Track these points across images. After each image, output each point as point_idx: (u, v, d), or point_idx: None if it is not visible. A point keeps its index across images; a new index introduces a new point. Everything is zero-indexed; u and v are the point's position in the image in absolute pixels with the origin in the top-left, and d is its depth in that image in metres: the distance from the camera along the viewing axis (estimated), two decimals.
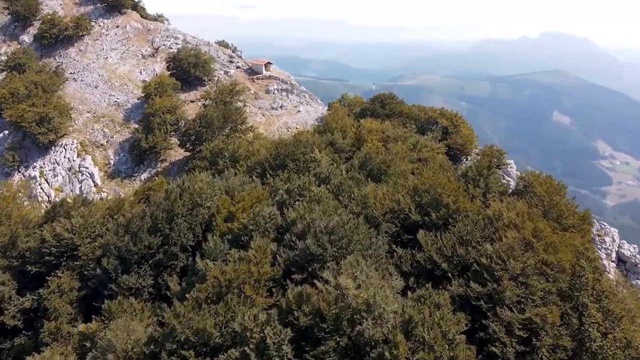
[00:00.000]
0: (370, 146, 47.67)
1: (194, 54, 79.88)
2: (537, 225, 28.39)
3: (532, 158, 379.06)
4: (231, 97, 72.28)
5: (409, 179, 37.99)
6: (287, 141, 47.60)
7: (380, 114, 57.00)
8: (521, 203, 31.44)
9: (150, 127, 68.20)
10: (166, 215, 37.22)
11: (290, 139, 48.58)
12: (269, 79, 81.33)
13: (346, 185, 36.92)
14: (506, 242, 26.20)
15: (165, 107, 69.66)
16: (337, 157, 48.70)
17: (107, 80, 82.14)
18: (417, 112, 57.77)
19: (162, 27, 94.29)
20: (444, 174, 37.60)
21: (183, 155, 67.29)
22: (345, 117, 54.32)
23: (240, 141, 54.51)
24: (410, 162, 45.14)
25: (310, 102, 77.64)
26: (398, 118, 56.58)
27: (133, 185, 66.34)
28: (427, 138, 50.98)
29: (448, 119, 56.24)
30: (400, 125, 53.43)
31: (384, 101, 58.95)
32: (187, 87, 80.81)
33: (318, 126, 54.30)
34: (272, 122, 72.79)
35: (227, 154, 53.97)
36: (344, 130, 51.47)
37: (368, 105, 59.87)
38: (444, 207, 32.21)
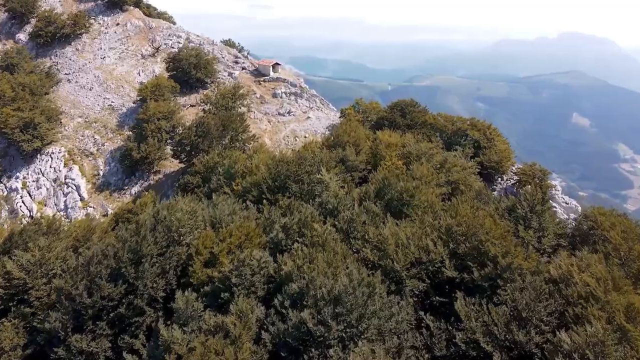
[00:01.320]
0: (389, 165, 39.05)
1: (195, 54, 71.93)
2: (630, 299, 19.56)
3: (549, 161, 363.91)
4: (233, 102, 64.20)
5: (438, 214, 29.27)
6: (290, 159, 39.15)
7: (400, 124, 48.31)
8: (597, 259, 22.50)
9: (143, 135, 60.44)
10: (133, 256, 29.14)
11: (294, 156, 40.13)
12: (276, 82, 72.99)
13: (359, 223, 28.39)
14: (593, 333, 17.43)
15: (160, 113, 61.86)
16: (348, 177, 40.16)
17: (103, 82, 74.70)
18: (444, 122, 48.81)
19: (164, 25, 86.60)
20: (485, 208, 28.77)
21: (179, 167, 59.40)
22: (359, 128, 45.73)
23: (237, 155, 46.27)
24: (437, 186, 36.39)
25: (321, 107, 69.10)
26: (421, 129, 47.86)
27: (122, 199, 58.67)
28: (457, 154, 42.14)
29: (480, 130, 47.22)
30: (424, 138, 44.62)
31: (404, 109, 50.14)
32: (187, 89, 72.94)
33: (328, 138, 45.70)
34: (278, 129, 64.49)
35: (222, 169, 45.88)
36: (357, 145, 42.94)
37: (386, 114, 51.03)
38: (489, 261, 23.49)
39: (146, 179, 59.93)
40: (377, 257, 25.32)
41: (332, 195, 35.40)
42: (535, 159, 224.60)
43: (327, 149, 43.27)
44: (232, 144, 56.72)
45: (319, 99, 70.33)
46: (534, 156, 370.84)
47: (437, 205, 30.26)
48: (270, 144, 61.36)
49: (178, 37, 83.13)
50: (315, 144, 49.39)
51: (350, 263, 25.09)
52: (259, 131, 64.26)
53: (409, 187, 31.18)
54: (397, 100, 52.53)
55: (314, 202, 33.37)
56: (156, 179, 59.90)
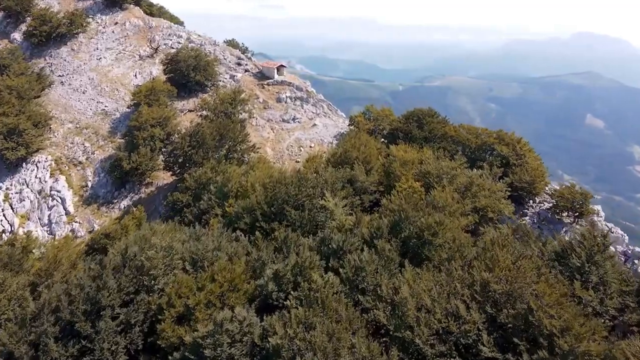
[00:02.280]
0: (404, 187, 32.87)
1: (194, 55, 66.22)
2: None
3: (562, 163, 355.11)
4: (233, 108, 58.39)
5: (468, 259, 23.10)
6: (289, 179, 33.18)
7: (417, 136, 42.05)
8: None
9: (135, 143, 54.95)
10: (90, 307, 23.45)
11: (293, 175, 34.15)
12: (281, 85, 67.02)
13: (369, 272, 22.36)
14: None
15: (154, 119, 56.29)
16: (357, 200, 34.06)
17: (97, 85, 69.33)
18: (467, 135, 42.34)
19: (165, 24, 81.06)
20: (528, 253, 22.50)
21: (172, 179, 53.71)
22: (369, 142, 39.52)
23: (232, 171, 40.42)
24: (462, 215, 30.17)
25: (328, 113, 62.98)
26: (440, 143, 41.62)
27: (111, 214, 53.20)
28: (483, 174, 35.80)
29: (509, 145, 40.72)
30: (445, 154, 38.24)
31: (421, 119, 43.75)
32: (186, 93, 67.31)
33: (334, 153, 39.48)
34: (281, 137, 58.53)
35: (215, 187, 40.08)
36: (368, 162, 36.83)
37: (400, 125, 44.58)
38: (543, 339, 17.33)
39: (137, 192, 54.38)
40: (392, 326, 19.22)
41: (337, 226, 29.42)
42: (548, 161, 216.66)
43: (333, 167, 37.17)
44: (230, 155, 50.96)
45: (326, 104, 64.22)
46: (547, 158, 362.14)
47: (467, 249, 24.01)
48: (272, 154, 55.45)
49: (178, 37, 77.55)
50: (320, 158, 43.37)
51: (357, 332, 19.11)
52: (260, 139, 58.40)
53: (431, 223, 25.00)
54: (413, 109, 46.18)
55: (315, 238, 27.33)
56: (148, 191, 54.32)
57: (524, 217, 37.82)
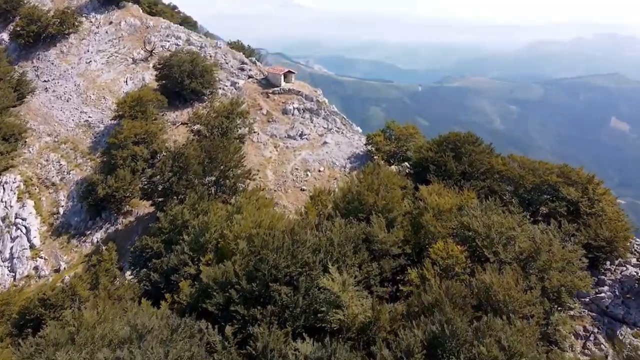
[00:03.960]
0: (441, 254, 22.72)
1: (190, 59, 56.78)
2: None
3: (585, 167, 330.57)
4: (230, 122, 48.78)
5: None
6: (279, 241, 23.31)
7: (454, 171, 31.66)
8: None
9: (113, 164, 45.86)
10: None
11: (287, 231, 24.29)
12: (288, 94, 57.12)
13: None
14: None
15: (137, 135, 47.14)
16: (375, 269, 23.96)
17: (83, 92, 60.52)
18: (519, 170, 31.62)
19: (163, 24, 71.91)
20: None
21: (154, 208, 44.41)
22: (391, 179, 29.12)
23: (211, 216, 30.66)
24: (528, 304, 19.89)
25: (341, 129, 52.81)
26: (485, 181, 31.19)
27: (81, 249, 44.13)
28: (549, 230, 25.33)
29: (577, 186, 30.06)
30: (492, 197, 27.58)
31: (459, 147, 33.20)
32: (180, 103, 57.98)
33: (344, 196, 28.89)
34: (286, 158, 48.63)
35: (189, 237, 30.49)
36: (389, 209, 26.75)
37: (432, 154, 33.82)
38: None
39: (113, 222, 45.22)
40: None
41: (345, 320, 19.51)
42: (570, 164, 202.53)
43: (343, 215, 27.09)
44: (221, 182, 41.31)
45: (339, 117, 54.05)
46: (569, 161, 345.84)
47: None
48: (274, 179, 45.63)
49: (177, 38, 68.28)
50: (328, 195, 33.33)
51: None
52: (261, 159, 48.67)
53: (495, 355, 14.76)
54: (448, 134, 35.46)
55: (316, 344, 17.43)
56: (126, 222, 45.10)
57: (601, 288, 27.28)
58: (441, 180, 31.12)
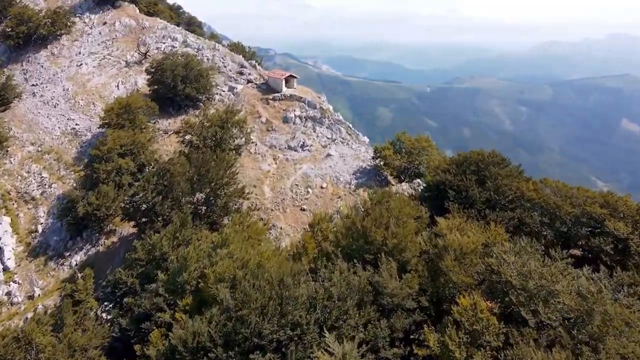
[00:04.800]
0: (468, 315, 17.83)
1: (183, 62, 52.21)
2: None
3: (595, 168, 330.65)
4: (224, 132, 44.09)
5: None
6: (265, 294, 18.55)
7: (477, 198, 26.57)
8: None
9: (95, 178, 41.41)
10: None
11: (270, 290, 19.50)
12: (289, 100, 52.34)
13: None
14: None
15: (123, 146, 42.65)
16: (384, 330, 19.06)
17: (72, 97, 56.22)
18: (555, 198, 26.39)
19: (159, 24, 67.44)
20: None
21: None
22: (403, 210, 24.01)
23: (191, 249, 25.94)
24: None
25: (347, 139, 47.90)
26: (515, 211, 26.07)
27: (59, 273, 39.70)
28: (599, 278, 20.26)
29: (626, 220, 24.89)
30: (524, 232, 22.42)
31: (482, 169, 28.04)
32: (174, 110, 53.52)
33: (347, 231, 23.88)
34: (285, 172, 43.81)
35: (166, 273, 25.82)
36: (401, 249, 21.88)
37: (450, 177, 28.39)
38: None
39: (95, 243, 40.73)
40: None
41: None
42: (581, 166, 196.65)
43: (345, 257, 22.24)
44: (211, 200, 36.61)
45: (344, 127, 49.13)
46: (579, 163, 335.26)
47: None
48: (271, 197, 40.83)
49: (173, 39, 63.76)
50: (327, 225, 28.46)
51: None
52: (258, 173, 43.91)
53: None
54: (469, 153, 30.24)
55: None
56: (108, 243, 40.60)
57: None
58: (462, 209, 26.13)
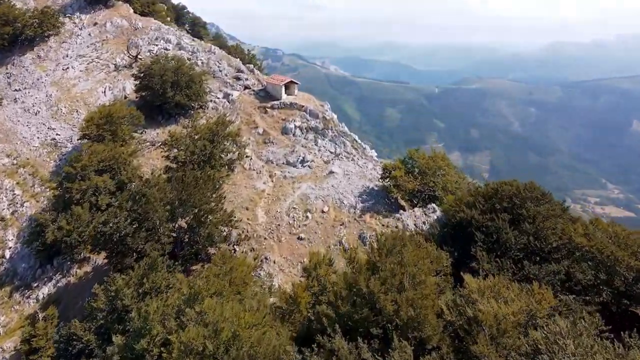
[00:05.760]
0: None
1: (173, 67, 46.97)
2: None
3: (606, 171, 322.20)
4: (214, 146, 38.78)
5: None
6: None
7: (512, 244, 20.89)
8: None
9: (68, 199, 36.32)
10: None
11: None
12: (289, 109, 46.91)
13: None
14: None
15: (100, 162, 37.51)
16: None
17: (54, 104, 51.31)
18: (610, 246, 20.61)
19: (153, 25, 62.30)
20: None
21: None
22: (422, 264, 18.61)
23: (153, 306, 20.64)
24: None
25: (352, 154, 42.39)
26: (561, 261, 20.42)
27: (24, 307, 34.69)
28: None
29: None
30: (594, 319, 17.04)
31: (516, 204, 22.23)
32: (163, 119, 48.39)
33: (350, 290, 18.41)
34: (282, 191, 38.39)
35: (123, 337, 20.60)
36: (419, 323, 16.41)
37: (476, 215, 22.43)
38: None
39: (66, 272, 35.69)
40: None
41: None
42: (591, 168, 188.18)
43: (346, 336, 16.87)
44: (195, 228, 31.34)
45: (350, 140, 43.62)
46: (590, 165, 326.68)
47: None
48: (265, 222, 35.43)
49: (167, 41, 58.59)
50: (327, 270, 23.02)
51: None
52: (252, 193, 38.54)
53: None
54: (499, 183, 24.36)
55: None
56: (81, 273, 35.52)
57: None
58: (492, 258, 20.60)
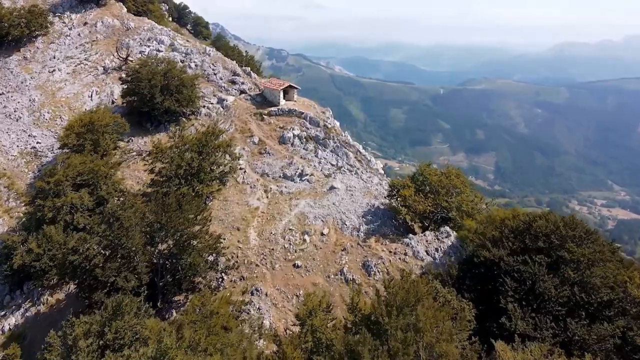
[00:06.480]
0: None
1: (163, 70, 43.02)
2: None
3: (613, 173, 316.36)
4: (202, 159, 34.79)
5: None
6: None
7: (552, 297, 16.68)
8: None
9: (40, 218, 32.47)
10: None
11: None
12: (288, 116, 42.85)
13: None
14: None
15: (78, 176, 33.65)
16: None
17: (37, 109, 47.57)
18: None
19: (146, 25, 58.40)
20: None
21: None
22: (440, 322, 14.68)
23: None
24: None
25: (355, 166, 38.23)
26: (615, 320, 16.37)
27: None
28: None
29: None
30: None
31: (553, 243, 18.06)
32: (152, 126, 44.48)
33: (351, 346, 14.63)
34: (278, 209, 34.33)
35: None
36: None
37: (504, 256, 18.09)
38: None
39: (36, 300, 31.86)
40: None
41: None
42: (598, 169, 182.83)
43: None
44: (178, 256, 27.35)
45: (353, 151, 39.45)
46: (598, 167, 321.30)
47: None
48: (257, 245, 31.36)
49: (159, 42, 54.70)
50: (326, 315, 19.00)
51: None
52: (244, 210, 34.50)
53: None
54: (533, 215, 19.77)
55: None
56: (52, 301, 31.68)
57: None
58: (527, 312, 16.49)
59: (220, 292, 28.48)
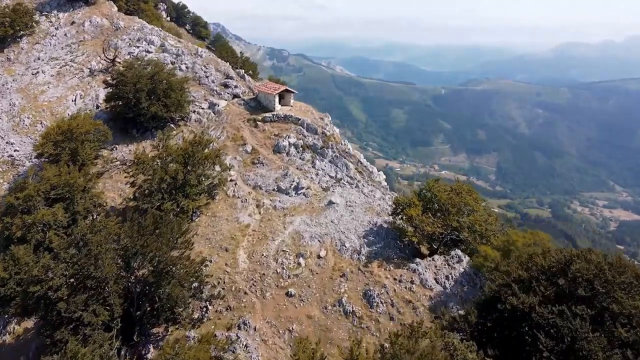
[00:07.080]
0: None
1: (149, 73, 39.73)
2: None
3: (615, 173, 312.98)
4: (188, 171, 31.50)
5: None
6: None
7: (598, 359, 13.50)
8: None
9: (8, 237, 29.24)
10: None
11: None
12: (284, 122, 39.52)
13: None
14: None
15: (53, 189, 30.40)
16: None
17: (17, 114, 44.32)
18: None
19: (136, 25, 55.10)
20: None
21: None
22: None
23: None
24: None
25: (356, 179, 34.87)
26: None
27: None
28: None
29: None
30: None
31: (595, 290, 14.58)
32: (138, 132, 41.20)
33: None
34: (271, 227, 31.04)
35: None
36: None
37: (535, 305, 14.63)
38: None
39: (2, 330, 28.61)
40: None
41: None
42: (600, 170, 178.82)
43: None
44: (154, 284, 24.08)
45: (353, 161, 36.08)
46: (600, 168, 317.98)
47: None
48: (247, 269, 28.04)
49: (149, 42, 51.40)
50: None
51: None
52: (234, 228, 31.18)
53: None
54: (570, 253, 16.29)
55: None
56: (20, 330, 28.44)
57: None
58: None
59: (203, 323, 25.24)
